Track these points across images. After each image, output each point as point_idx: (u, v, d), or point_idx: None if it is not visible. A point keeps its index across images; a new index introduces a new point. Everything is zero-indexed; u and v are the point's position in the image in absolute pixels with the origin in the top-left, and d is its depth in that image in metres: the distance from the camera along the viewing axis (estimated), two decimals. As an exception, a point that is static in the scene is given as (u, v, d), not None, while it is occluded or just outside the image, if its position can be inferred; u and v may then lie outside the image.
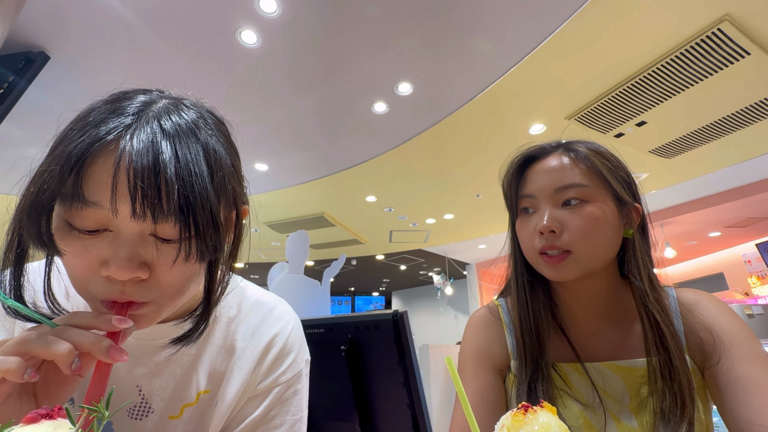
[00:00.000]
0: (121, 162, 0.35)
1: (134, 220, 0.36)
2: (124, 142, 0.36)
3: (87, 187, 0.35)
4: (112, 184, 0.35)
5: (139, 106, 0.40)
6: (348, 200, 4.82)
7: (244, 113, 2.99)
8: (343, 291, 12.48)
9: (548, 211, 0.57)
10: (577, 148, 0.60)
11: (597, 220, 0.55)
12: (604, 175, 0.58)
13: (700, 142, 3.38)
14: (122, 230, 0.37)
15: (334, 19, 2.15)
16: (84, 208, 0.35)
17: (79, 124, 0.40)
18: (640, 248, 0.60)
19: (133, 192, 0.35)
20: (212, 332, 0.54)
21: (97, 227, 0.36)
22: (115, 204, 0.35)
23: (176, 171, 0.36)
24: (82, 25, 2.12)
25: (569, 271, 0.56)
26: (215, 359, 0.53)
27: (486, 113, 2.99)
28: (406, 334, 0.86)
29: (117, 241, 0.36)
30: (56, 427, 0.30)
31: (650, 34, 2.23)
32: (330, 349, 0.96)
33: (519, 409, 0.33)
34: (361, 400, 0.94)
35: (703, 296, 0.60)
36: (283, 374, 0.55)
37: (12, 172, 1.50)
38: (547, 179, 0.59)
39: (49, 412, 0.31)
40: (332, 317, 1.00)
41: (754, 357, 0.50)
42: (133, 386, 0.50)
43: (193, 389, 0.51)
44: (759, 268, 6.25)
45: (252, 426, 0.52)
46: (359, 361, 0.95)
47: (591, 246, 0.55)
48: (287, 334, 0.56)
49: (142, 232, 0.37)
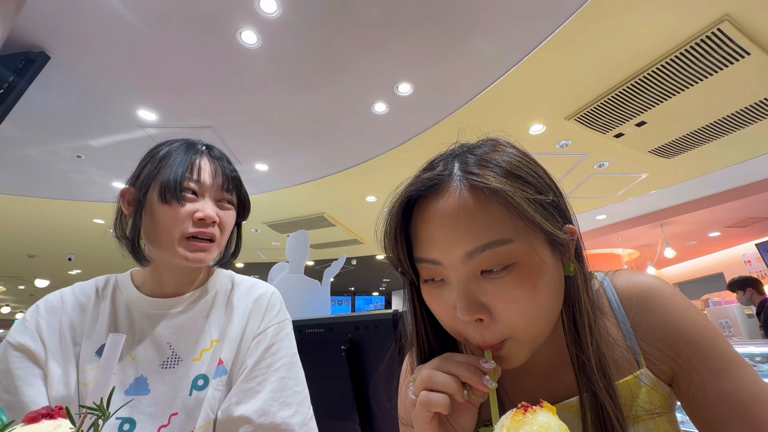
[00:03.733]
0: (210, 161, 0.71)
1: (219, 189, 0.70)
2: (207, 155, 0.72)
3: (199, 171, 0.68)
4: (210, 171, 0.70)
5: (200, 143, 0.74)
6: (348, 200, 4.82)
7: (245, 113, 2.99)
8: (343, 291, 12.48)
9: (464, 289, 0.40)
10: (484, 177, 0.40)
11: (534, 289, 0.39)
12: (529, 216, 0.39)
13: (700, 142, 3.38)
14: (211, 194, 0.69)
15: (334, 20, 2.15)
16: (194, 183, 0.67)
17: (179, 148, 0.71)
18: (581, 282, 0.45)
19: (217, 174, 0.70)
20: (216, 300, 0.75)
21: (195, 192, 0.68)
22: (212, 178, 0.69)
23: (231, 171, 0.73)
24: (83, 25, 2.12)
25: (514, 360, 0.42)
26: (220, 316, 0.73)
27: (486, 113, 2.99)
28: (406, 334, 0.86)
29: (205, 202, 0.68)
30: (57, 426, 0.30)
31: (650, 34, 2.23)
32: (330, 349, 0.96)
33: (519, 409, 0.33)
34: (361, 399, 0.94)
35: (649, 284, 0.48)
36: (274, 318, 0.75)
37: (13, 171, 1.52)
38: (450, 238, 0.40)
39: (49, 412, 0.31)
40: (332, 317, 1.00)
41: (726, 365, 0.43)
42: (165, 344, 0.68)
43: (207, 338, 0.70)
44: (759, 267, 6.25)
45: (261, 355, 0.70)
46: (359, 360, 0.95)
47: (533, 326, 0.41)
48: (270, 293, 0.78)
49: (217, 198, 0.70)
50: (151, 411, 0.62)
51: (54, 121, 3.00)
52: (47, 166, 3.67)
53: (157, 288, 0.71)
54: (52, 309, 0.67)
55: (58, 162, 3.61)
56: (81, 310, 0.69)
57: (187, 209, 0.65)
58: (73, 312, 0.68)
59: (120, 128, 3.12)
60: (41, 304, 0.68)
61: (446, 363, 0.39)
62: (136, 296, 0.70)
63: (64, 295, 0.70)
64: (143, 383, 0.64)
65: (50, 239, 5.97)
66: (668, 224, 5.51)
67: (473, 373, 0.37)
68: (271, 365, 0.69)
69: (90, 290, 0.71)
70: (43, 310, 0.67)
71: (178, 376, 0.66)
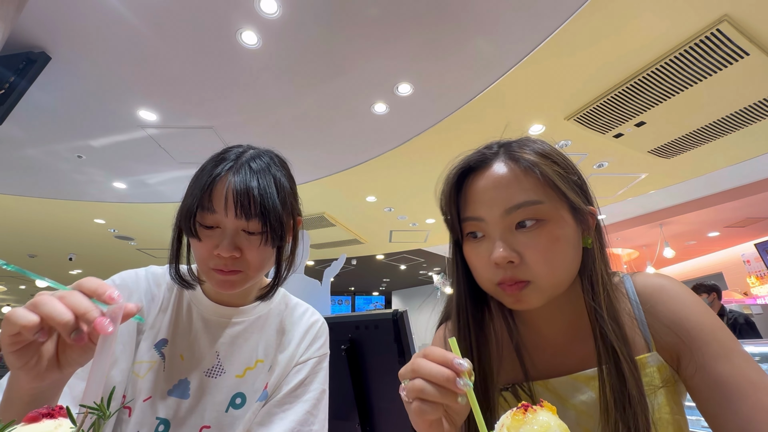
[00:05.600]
0: (229, 186, 0.59)
1: (235, 219, 0.59)
2: (230, 176, 0.60)
3: (212, 201, 0.59)
4: (224, 199, 0.59)
5: (237, 155, 0.64)
6: (348, 200, 4.82)
7: (245, 113, 2.99)
8: (343, 291, 12.48)
9: (501, 237, 0.50)
10: (522, 154, 0.52)
11: (557, 242, 0.49)
12: (557, 185, 0.50)
13: (700, 142, 3.38)
14: (227, 226, 0.60)
15: (334, 20, 2.15)
16: (209, 214, 0.59)
17: (206, 168, 0.62)
18: (599, 257, 0.54)
19: (235, 203, 0.58)
20: (268, 320, 0.74)
21: (213, 224, 0.60)
22: (225, 210, 0.59)
23: (258, 191, 0.60)
24: (83, 26, 2.12)
25: (531, 300, 0.50)
26: (270, 338, 0.72)
27: (486, 113, 3.00)
28: (406, 334, 0.87)
29: (224, 234, 0.60)
30: (57, 425, 0.30)
31: (649, 34, 2.24)
32: (330, 349, 0.96)
33: (519, 408, 0.33)
34: (361, 399, 0.94)
35: (665, 282, 0.54)
36: (318, 350, 0.73)
37: (14, 172, 1.53)
38: (493, 198, 0.51)
39: (50, 412, 0.31)
40: (332, 317, 1.00)
41: (727, 351, 0.47)
42: (214, 352, 0.67)
43: (253, 357, 0.69)
44: (758, 267, 6.25)
45: (296, 387, 0.69)
46: (359, 360, 0.95)
47: (554, 272, 0.50)
48: (321, 322, 0.77)
49: (237, 228, 0.60)
50: (185, 417, 0.62)
51: (55, 122, 3.00)
52: (48, 166, 3.67)
53: (218, 294, 0.70)
54: (126, 288, 0.67)
55: (59, 162, 3.61)
56: (152, 298, 0.68)
57: (206, 246, 0.60)
58: (145, 298, 0.67)
59: (120, 128, 3.12)
60: (117, 279, 0.67)
61: (425, 366, 0.39)
62: (201, 298, 0.70)
63: (140, 277, 0.69)
64: (185, 387, 0.64)
65: (51, 239, 5.97)
66: (667, 224, 5.51)
67: (447, 378, 0.38)
68: (300, 396, 0.68)
69: (162, 280, 0.70)
70: (120, 285, 0.66)
71: (218, 389, 0.65)
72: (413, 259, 8.38)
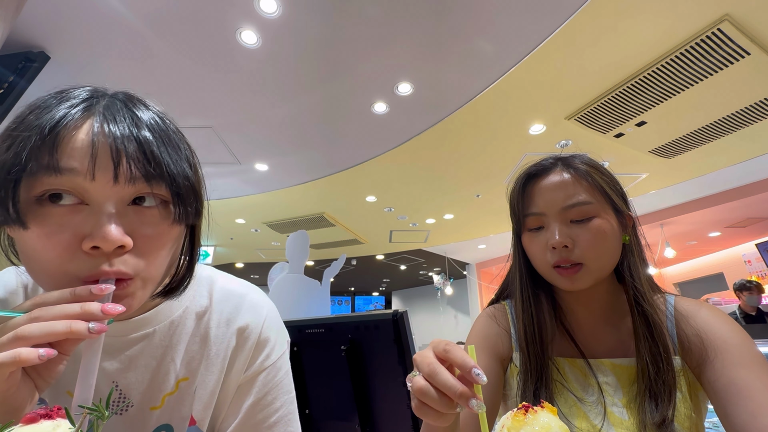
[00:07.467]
0: (100, 130, 0.35)
1: (116, 185, 0.36)
2: (98, 116, 0.36)
3: (62, 154, 0.34)
4: (92, 151, 0.34)
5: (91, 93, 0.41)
6: (348, 200, 4.82)
7: (244, 113, 2.99)
8: (343, 291, 12.48)
9: (559, 227, 0.62)
10: (576, 164, 0.65)
11: (604, 233, 0.61)
12: (605, 190, 0.63)
13: (700, 142, 3.38)
14: (101, 200, 0.35)
15: (334, 20, 2.15)
16: (58, 176, 0.33)
17: (37, 110, 0.37)
18: (636, 252, 0.66)
19: (117, 158, 0.35)
20: (184, 323, 0.53)
21: (71, 201, 0.35)
22: (93, 170, 0.34)
23: (163, 142, 0.38)
24: (83, 25, 2.12)
25: (583, 281, 0.61)
26: (190, 347, 0.52)
27: (486, 113, 2.99)
28: (406, 334, 0.86)
29: (97, 213, 0.35)
30: (55, 426, 0.30)
31: (650, 34, 2.23)
32: (330, 349, 0.96)
33: (519, 409, 0.33)
34: (361, 400, 0.94)
35: (704, 306, 0.62)
36: (267, 359, 0.55)
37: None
38: (553, 197, 0.63)
39: (48, 412, 0.31)
40: (332, 317, 1.00)
41: (747, 361, 0.51)
42: (109, 382, 0.49)
43: (171, 378, 0.51)
44: (759, 268, 6.25)
45: (251, 411, 0.53)
46: (359, 361, 0.94)
47: (601, 257, 0.61)
48: (262, 322, 0.56)
49: (122, 200, 0.37)
50: None
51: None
52: (47, 166, 3.66)
53: None
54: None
55: (58, 162, 3.60)
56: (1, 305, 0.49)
57: (61, 239, 0.34)
58: None
59: (120, 128, 3.11)
60: None
61: (441, 376, 0.38)
62: None
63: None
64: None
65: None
66: (668, 224, 5.50)
67: (461, 395, 0.37)
68: (263, 421, 0.53)
69: (12, 284, 0.49)
70: None
71: (132, 428, 0.49)
72: (413, 260, 8.38)
